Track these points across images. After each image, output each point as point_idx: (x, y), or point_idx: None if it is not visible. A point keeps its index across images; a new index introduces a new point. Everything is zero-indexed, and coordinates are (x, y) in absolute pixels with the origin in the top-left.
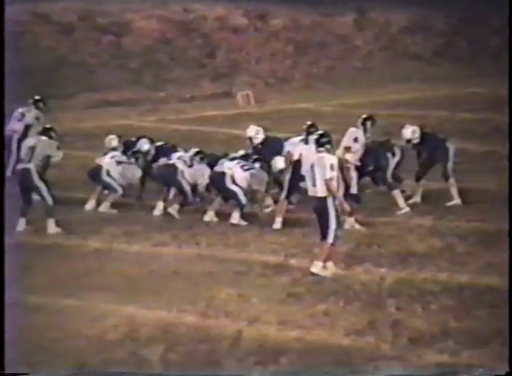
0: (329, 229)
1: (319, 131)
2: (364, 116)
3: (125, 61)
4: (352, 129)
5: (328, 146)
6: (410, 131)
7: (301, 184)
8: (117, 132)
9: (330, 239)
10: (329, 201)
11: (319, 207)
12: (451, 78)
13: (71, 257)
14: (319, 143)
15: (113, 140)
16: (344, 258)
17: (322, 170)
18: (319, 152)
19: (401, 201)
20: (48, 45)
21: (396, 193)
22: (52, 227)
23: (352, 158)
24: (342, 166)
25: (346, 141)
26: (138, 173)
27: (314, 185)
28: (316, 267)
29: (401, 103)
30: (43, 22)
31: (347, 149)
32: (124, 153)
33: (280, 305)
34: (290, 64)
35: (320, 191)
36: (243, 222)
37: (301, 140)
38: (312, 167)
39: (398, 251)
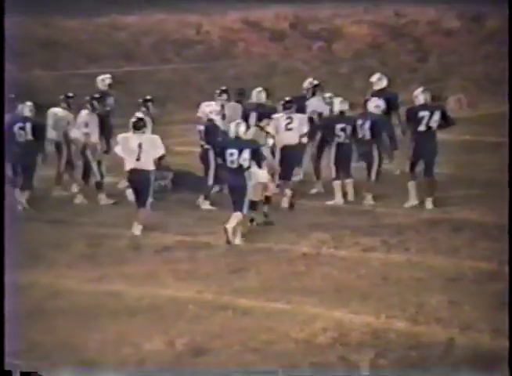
0: None
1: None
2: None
3: (335, 66)
4: None
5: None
6: None
7: None
8: None
9: None
10: None
11: None
12: None
13: (280, 261)
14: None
15: None
16: None
17: None
18: None
19: None
20: (259, 52)
21: None
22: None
23: None
24: None
25: None
26: None
27: None
28: None
29: None
30: (255, 29)
31: None
32: None
33: (493, 312)
34: (504, 66)
35: None
36: None
37: None
38: None
39: None
